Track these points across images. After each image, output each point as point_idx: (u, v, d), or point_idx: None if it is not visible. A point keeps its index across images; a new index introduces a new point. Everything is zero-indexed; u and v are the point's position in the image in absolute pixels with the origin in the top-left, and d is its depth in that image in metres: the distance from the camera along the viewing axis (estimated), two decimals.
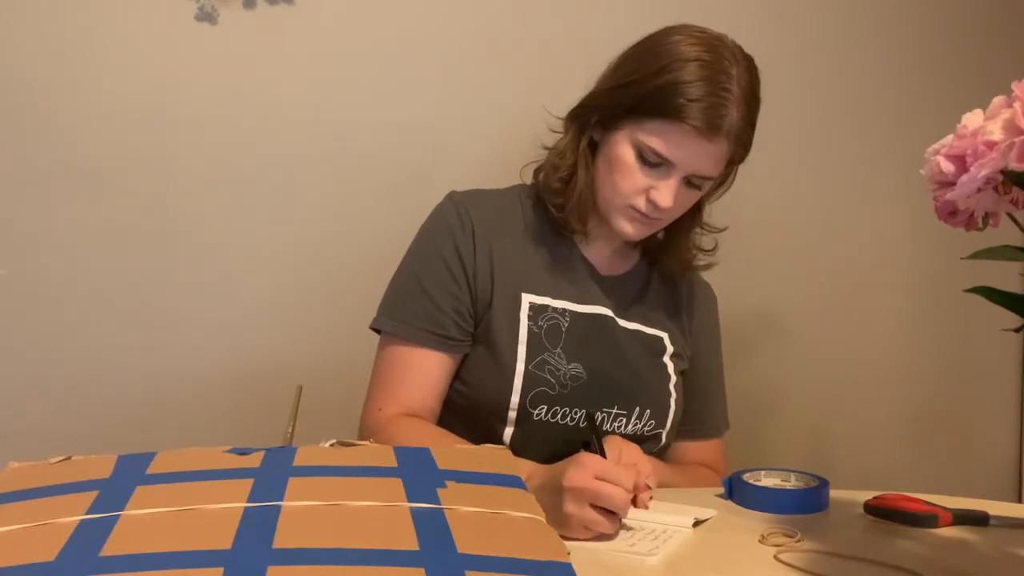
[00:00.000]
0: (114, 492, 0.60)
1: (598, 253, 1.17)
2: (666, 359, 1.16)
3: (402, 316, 1.09)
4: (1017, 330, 0.71)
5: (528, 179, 1.17)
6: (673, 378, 1.16)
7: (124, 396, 1.44)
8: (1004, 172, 0.64)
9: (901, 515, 0.93)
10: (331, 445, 0.72)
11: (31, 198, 1.39)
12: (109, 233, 1.42)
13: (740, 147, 1.05)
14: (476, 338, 1.10)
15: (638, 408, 1.12)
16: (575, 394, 1.08)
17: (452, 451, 0.72)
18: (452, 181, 1.30)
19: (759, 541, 0.87)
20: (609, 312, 1.14)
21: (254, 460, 0.66)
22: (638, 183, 1.04)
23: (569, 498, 0.85)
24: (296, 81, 1.47)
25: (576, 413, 1.09)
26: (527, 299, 1.09)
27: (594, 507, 0.85)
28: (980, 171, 0.64)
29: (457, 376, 1.11)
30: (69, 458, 0.68)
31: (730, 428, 1.28)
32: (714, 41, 1.04)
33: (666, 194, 1.03)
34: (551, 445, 1.06)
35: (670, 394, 1.15)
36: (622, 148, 1.04)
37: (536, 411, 1.08)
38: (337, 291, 1.50)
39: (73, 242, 1.41)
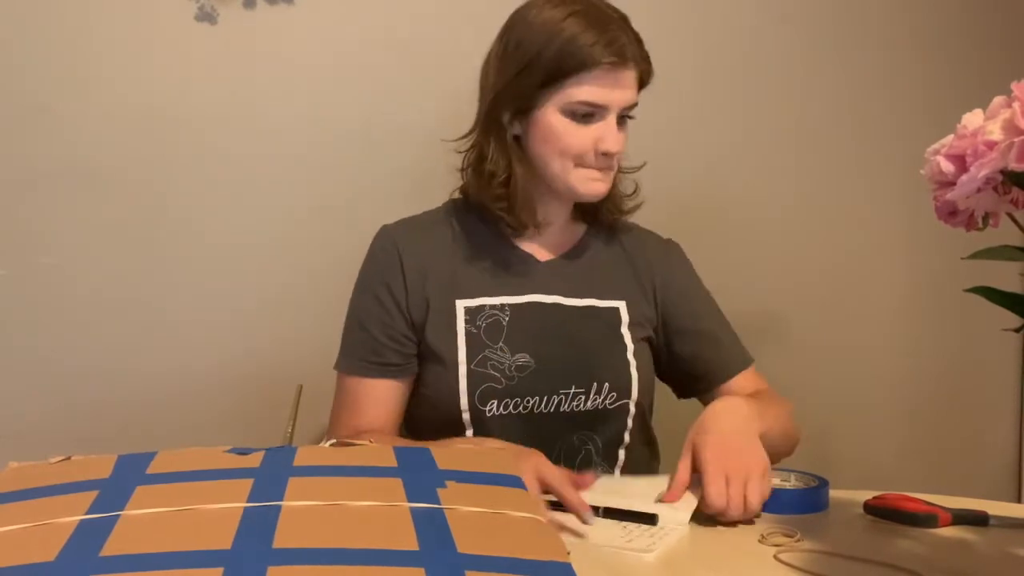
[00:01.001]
0: (114, 492, 0.60)
1: (536, 243, 1.19)
2: (623, 329, 1.17)
3: (348, 353, 1.16)
4: (1017, 330, 0.71)
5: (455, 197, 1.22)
6: (631, 347, 1.16)
7: (124, 396, 1.44)
8: (1004, 172, 0.64)
9: (901, 515, 0.93)
10: (331, 445, 0.72)
11: (31, 198, 1.39)
12: (109, 233, 1.42)
13: (645, 64, 1.10)
14: (422, 355, 1.14)
15: (595, 383, 1.13)
16: (524, 383, 1.11)
17: (452, 451, 0.72)
18: (452, 181, 1.30)
19: (759, 541, 0.87)
20: (555, 297, 1.16)
21: (254, 460, 0.66)
22: (583, 140, 1.09)
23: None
24: (296, 81, 1.47)
25: (529, 401, 1.11)
26: (461, 304, 1.13)
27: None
28: (980, 171, 0.64)
29: (416, 393, 1.16)
30: (69, 458, 0.68)
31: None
32: None
33: (612, 138, 1.08)
34: (513, 439, 1.08)
35: (629, 363, 1.15)
36: (552, 119, 1.09)
37: (487, 408, 1.10)
38: (337, 291, 1.50)
39: (73, 242, 1.41)
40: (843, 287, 1.73)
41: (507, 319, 1.13)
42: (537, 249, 1.19)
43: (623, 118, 1.10)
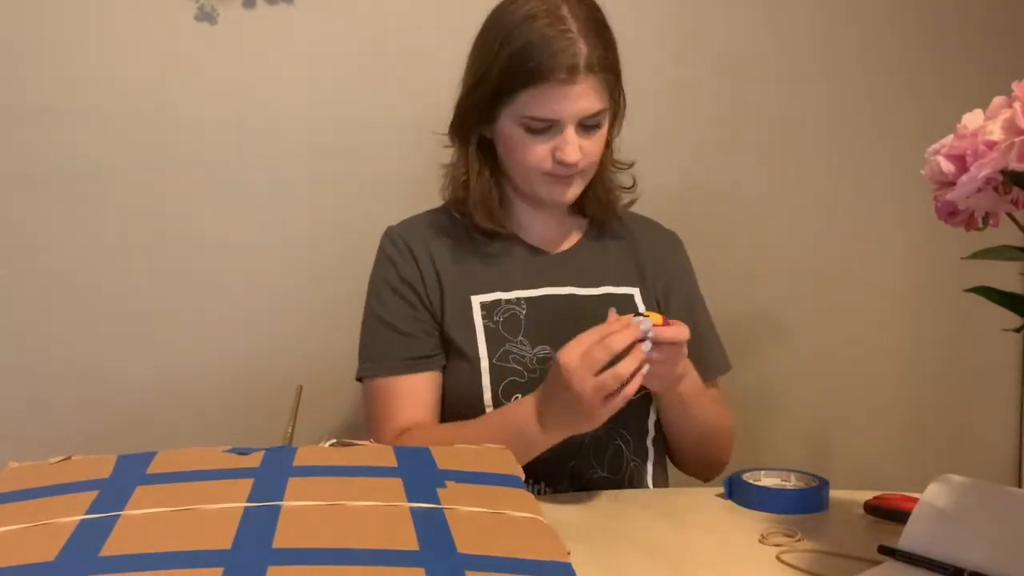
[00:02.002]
0: (114, 492, 0.60)
1: (542, 236, 1.18)
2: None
3: (376, 357, 1.13)
4: (1017, 330, 0.71)
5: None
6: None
7: (124, 396, 1.44)
8: (1004, 172, 0.64)
9: (901, 515, 0.93)
10: (331, 445, 0.72)
11: (31, 198, 1.39)
12: (109, 233, 1.42)
13: (607, 73, 1.05)
14: (444, 350, 1.13)
15: None
16: (547, 376, 1.09)
17: (452, 451, 0.72)
18: None
19: (759, 541, 0.87)
20: (569, 288, 1.15)
21: (254, 460, 0.66)
22: (540, 151, 1.07)
23: (574, 379, 0.88)
24: (296, 81, 1.47)
25: None
26: (476, 300, 1.12)
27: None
28: (980, 171, 0.64)
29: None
30: (69, 458, 0.68)
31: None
32: None
33: (569, 149, 1.05)
34: None
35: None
36: (509, 129, 1.07)
37: (512, 401, 1.08)
38: (337, 291, 1.50)
39: (73, 242, 1.41)
40: (843, 287, 1.73)
41: (524, 312, 1.12)
42: (545, 242, 1.18)
43: (591, 126, 1.07)
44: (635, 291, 1.18)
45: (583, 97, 1.03)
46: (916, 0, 1.71)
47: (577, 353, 0.89)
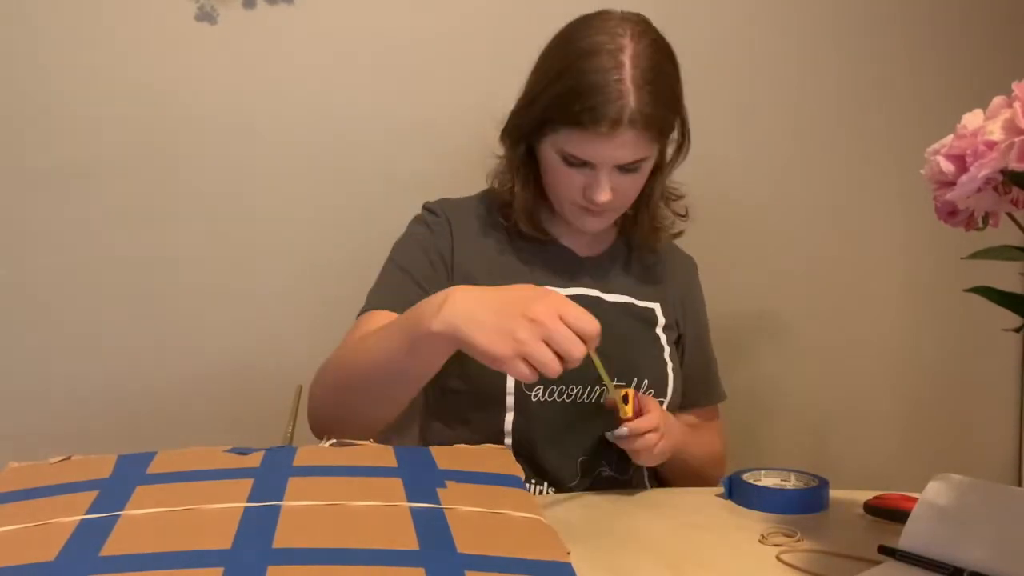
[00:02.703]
0: (114, 492, 0.60)
1: (573, 238, 1.20)
2: (659, 331, 1.18)
3: (382, 294, 1.10)
4: (1017, 330, 0.71)
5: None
6: (667, 349, 1.17)
7: (124, 396, 1.44)
8: (1004, 172, 0.64)
9: (901, 515, 0.93)
10: (331, 445, 0.72)
11: (31, 198, 1.39)
12: (109, 233, 1.42)
13: (655, 125, 1.03)
14: None
15: (635, 379, 1.12)
16: (569, 372, 1.06)
17: (452, 451, 0.72)
18: (452, 180, 1.30)
19: (759, 541, 0.87)
20: (594, 291, 1.16)
21: (254, 460, 0.66)
22: (573, 183, 1.07)
23: (525, 324, 0.79)
24: (296, 81, 1.47)
25: (572, 389, 1.10)
26: None
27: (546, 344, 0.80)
28: (980, 171, 0.64)
29: (455, 373, 1.12)
30: (69, 458, 0.68)
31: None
32: (607, 28, 1.03)
33: (599, 190, 1.05)
34: (553, 427, 1.09)
35: (666, 363, 1.16)
36: (549, 155, 1.08)
37: (533, 393, 1.09)
38: (337, 291, 1.50)
39: (73, 242, 1.41)
40: (843, 287, 1.73)
41: None
42: (576, 244, 1.19)
43: (629, 169, 1.06)
44: (656, 305, 1.19)
45: (622, 147, 1.03)
46: (915, 0, 1.71)
47: (552, 313, 0.81)
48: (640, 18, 1.07)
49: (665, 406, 1.15)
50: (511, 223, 1.17)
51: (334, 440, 0.73)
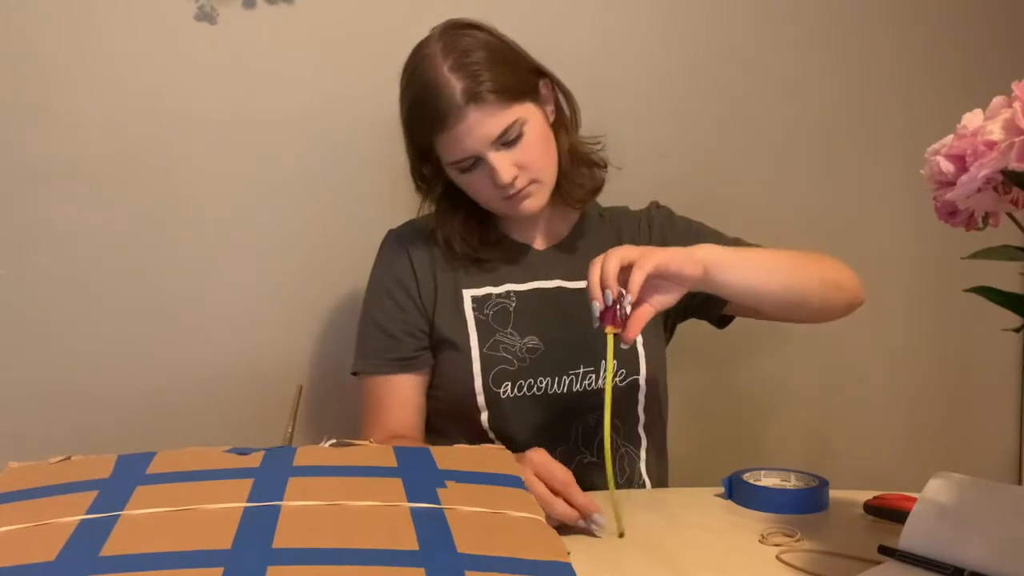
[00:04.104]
0: (114, 492, 0.60)
1: (531, 233, 1.22)
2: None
3: (366, 354, 1.18)
4: (1017, 330, 0.71)
5: None
6: None
7: (124, 396, 1.44)
8: (1004, 172, 0.64)
9: (901, 515, 0.93)
10: (331, 445, 0.72)
11: (31, 198, 1.39)
12: (109, 233, 1.42)
13: (496, 91, 1.05)
14: (434, 346, 1.17)
15: (603, 361, 1.14)
16: (535, 365, 1.14)
17: (452, 451, 0.72)
18: None
19: (759, 541, 0.87)
20: (557, 281, 1.19)
21: (254, 460, 0.66)
22: (482, 184, 1.10)
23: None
24: (296, 81, 1.47)
25: (542, 382, 1.13)
26: (468, 294, 1.17)
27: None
28: (980, 171, 0.64)
29: (432, 384, 1.19)
30: (69, 458, 0.68)
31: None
32: (419, 51, 1.10)
33: (498, 173, 1.07)
34: (528, 420, 1.13)
35: (635, 341, 1.15)
36: (449, 174, 1.13)
37: (502, 389, 1.12)
38: (337, 291, 1.50)
39: (73, 242, 1.41)
40: None
41: (513, 305, 1.16)
42: (533, 239, 1.22)
43: (509, 141, 1.07)
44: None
45: (481, 125, 1.05)
46: (915, 1, 1.71)
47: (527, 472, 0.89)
48: (446, 23, 1.12)
49: (642, 381, 1.16)
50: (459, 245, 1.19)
51: (334, 440, 0.73)
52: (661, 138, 1.59)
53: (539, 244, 1.22)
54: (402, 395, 1.16)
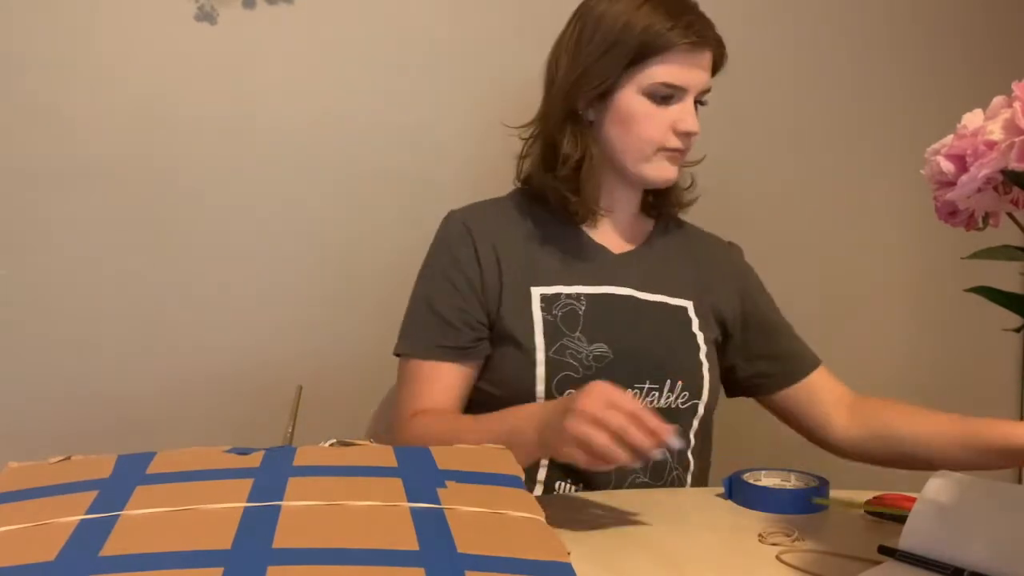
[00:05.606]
0: (114, 492, 0.60)
1: (608, 234, 1.19)
2: (695, 329, 1.16)
3: (414, 336, 1.13)
4: (1017, 330, 0.71)
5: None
6: (703, 348, 1.15)
7: (124, 396, 1.44)
8: (1004, 172, 0.64)
9: (901, 515, 0.93)
10: (331, 445, 0.71)
11: (31, 198, 1.39)
12: (109, 233, 1.42)
13: (720, 48, 1.12)
14: (495, 339, 1.12)
15: (669, 380, 1.11)
16: (601, 374, 1.07)
17: (452, 451, 0.71)
18: (453, 182, 1.30)
19: (759, 541, 0.87)
20: (628, 289, 1.15)
21: (254, 460, 0.66)
22: (662, 122, 1.10)
23: (572, 416, 0.84)
24: (296, 81, 1.47)
25: None
26: (537, 292, 1.12)
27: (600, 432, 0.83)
28: (980, 171, 0.64)
29: (485, 377, 1.14)
30: (69, 458, 0.67)
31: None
32: None
33: (690, 119, 1.11)
34: None
35: (701, 363, 1.15)
36: (632, 101, 1.10)
37: (564, 396, 1.07)
38: (337, 290, 1.50)
39: (73, 242, 1.41)
40: (843, 287, 1.73)
41: (583, 309, 1.12)
42: (609, 240, 1.19)
43: (700, 103, 1.13)
44: (688, 304, 1.17)
45: (706, 69, 1.11)
46: (915, 1, 1.71)
47: (597, 403, 0.85)
48: None
49: (701, 407, 1.15)
50: (561, 212, 1.15)
51: (334, 440, 0.72)
52: None
53: (615, 247, 1.18)
54: (447, 382, 1.11)
